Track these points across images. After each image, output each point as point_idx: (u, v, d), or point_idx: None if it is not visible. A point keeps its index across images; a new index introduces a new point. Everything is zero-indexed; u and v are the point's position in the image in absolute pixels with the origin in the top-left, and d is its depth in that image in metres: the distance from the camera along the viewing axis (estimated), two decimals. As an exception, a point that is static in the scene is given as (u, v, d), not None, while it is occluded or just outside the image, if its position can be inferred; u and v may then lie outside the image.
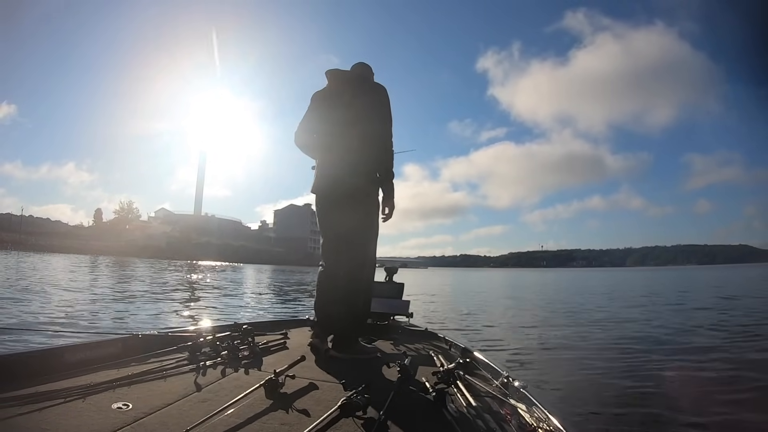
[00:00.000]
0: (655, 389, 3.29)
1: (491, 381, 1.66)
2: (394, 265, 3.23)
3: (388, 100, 2.21)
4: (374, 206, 2.20)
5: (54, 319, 5.29)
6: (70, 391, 1.30)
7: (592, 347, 5.20)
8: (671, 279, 30.72)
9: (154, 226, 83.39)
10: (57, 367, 1.51)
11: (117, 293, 9.24)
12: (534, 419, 1.22)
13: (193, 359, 1.73)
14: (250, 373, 1.68)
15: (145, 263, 31.75)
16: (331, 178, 2.18)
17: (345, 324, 2.04)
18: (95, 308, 6.58)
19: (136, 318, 5.94)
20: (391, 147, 2.21)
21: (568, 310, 10.23)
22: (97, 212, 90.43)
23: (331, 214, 2.23)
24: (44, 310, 6.08)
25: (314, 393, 1.48)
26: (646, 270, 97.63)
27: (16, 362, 1.45)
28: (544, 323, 7.67)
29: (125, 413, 1.20)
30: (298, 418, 1.24)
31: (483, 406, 1.36)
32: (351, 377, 1.63)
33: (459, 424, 1.20)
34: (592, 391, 3.27)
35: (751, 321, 7.19)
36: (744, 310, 8.80)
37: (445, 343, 2.47)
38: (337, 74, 2.28)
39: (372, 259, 2.20)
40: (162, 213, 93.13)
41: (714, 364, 4.08)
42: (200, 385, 1.48)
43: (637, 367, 4.02)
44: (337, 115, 2.19)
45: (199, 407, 1.28)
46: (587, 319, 8.08)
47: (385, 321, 2.88)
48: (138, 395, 1.34)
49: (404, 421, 1.25)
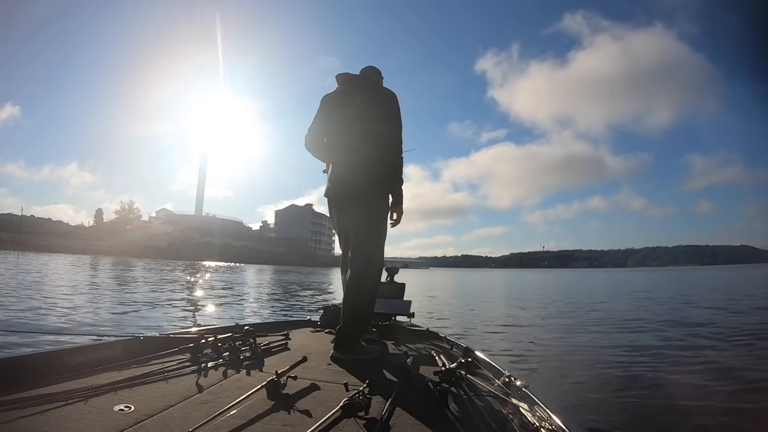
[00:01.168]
0: (657, 388, 3.30)
1: (493, 380, 1.66)
2: (396, 266, 3.23)
3: (395, 105, 2.18)
4: (379, 206, 2.15)
5: (53, 322, 5.29)
6: (72, 393, 1.30)
7: (594, 346, 5.20)
8: (673, 280, 30.67)
9: (155, 227, 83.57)
10: (58, 370, 1.51)
11: (117, 294, 9.24)
12: (536, 418, 1.22)
13: (195, 361, 1.73)
14: (252, 374, 1.68)
15: (146, 264, 31.78)
16: (336, 178, 2.18)
17: (347, 324, 2.03)
18: (95, 310, 6.58)
19: (137, 320, 5.95)
20: (397, 150, 2.16)
21: (569, 310, 10.22)
22: (98, 212, 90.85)
23: (336, 214, 2.25)
24: (42, 311, 6.09)
25: (316, 394, 1.48)
26: (648, 270, 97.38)
27: (18, 364, 1.46)
28: (545, 323, 7.67)
29: (127, 415, 1.20)
30: (300, 418, 1.24)
31: (485, 405, 1.36)
32: (352, 378, 1.63)
33: (461, 423, 1.19)
34: (593, 390, 3.27)
35: (754, 321, 7.17)
36: (747, 311, 8.78)
37: (447, 342, 2.47)
38: (346, 77, 2.29)
39: (379, 261, 2.17)
40: (163, 213, 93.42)
41: (716, 364, 4.07)
42: (202, 387, 1.48)
43: (639, 367, 4.01)
44: (339, 115, 2.20)
45: (201, 409, 1.28)
46: (588, 319, 8.08)
47: (386, 321, 2.88)
48: (140, 397, 1.34)
49: (406, 421, 1.25)
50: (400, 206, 2.21)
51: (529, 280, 34.16)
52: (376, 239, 2.14)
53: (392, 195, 2.20)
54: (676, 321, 7.38)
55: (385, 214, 2.19)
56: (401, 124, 2.20)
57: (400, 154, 2.17)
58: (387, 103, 2.18)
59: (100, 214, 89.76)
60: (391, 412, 1.27)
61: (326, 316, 2.77)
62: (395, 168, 2.16)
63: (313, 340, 2.45)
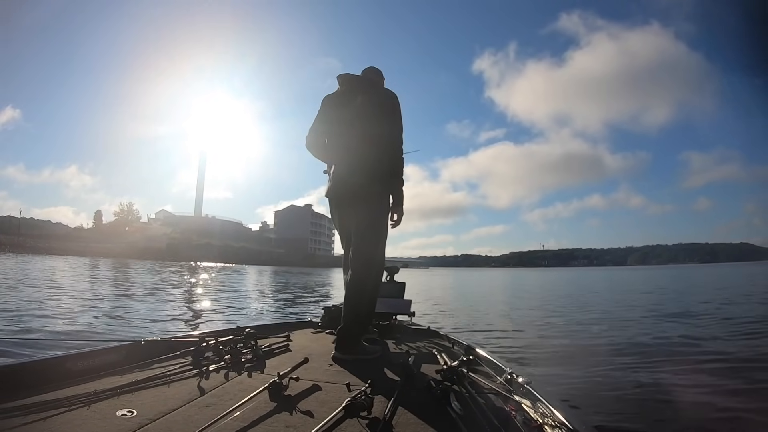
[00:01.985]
0: (659, 384, 3.29)
1: (495, 378, 1.67)
2: (396, 266, 3.24)
3: (395, 105, 2.17)
4: (379, 206, 2.15)
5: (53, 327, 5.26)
6: (74, 399, 1.29)
7: (596, 343, 5.20)
8: (673, 277, 30.70)
9: (154, 228, 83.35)
10: (60, 376, 1.51)
11: (116, 297, 9.22)
12: (539, 415, 1.22)
13: (197, 364, 1.73)
14: (254, 376, 1.68)
15: (145, 265, 31.69)
16: (337, 179, 2.18)
17: (348, 324, 2.03)
18: (95, 314, 6.55)
19: (138, 324, 5.93)
20: (396, 150, 2.15)
21: (570, 308, 10.22)
22: (97, 214, 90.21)
23: (338, 215, 2.25)
24: (41, 314, 6.08)
25: (318, 394, 1.48)
26: (648, 269, 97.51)
27: (20, 371, 1.45)
28: (547, 320, 7.67)
29: (130, 420, 1.20)
30: (303, 419, 1.24)
31: (487, 403, 1.37)
32: (354, 378, 1.63)
33: (464, 421, 1.19)
34: (596, 386, 3.27)
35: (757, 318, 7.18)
36: (746, 308, 8.79)
37: (448, 341, 2.48)
38: (347, 78, 2.29)
39: (380, 261, 2.18)
40: (162, 215, 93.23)
41: (718, 363, 4.06)
42: (204, 390, 1.48)
43: (641, 363, 4.02)
44: (339, 115, 2.20)
45: (203, 412, 1.28)
46: (590, 317, 8.08)
47: (387, 321, 2.89)
48: (142, 401, 1.34)
49: (409, 421, 1.26)
50: (400, 207, 2.20)
51: (529, 280, 34.17)
52: (376, 239, 2.13)
53: (393, 196, 2.20)
54: (678, 319, 7.39)
55: (386, 214, 2.18)
56: (402, 124, 2.19)
57: (400, 154, 2.17)
58: (387, 104, 2.17)
59: (99, 216, 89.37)
60: (394, 411, 1.28)
61: (327, 317, 2.77)
62: (395, 168, 2.15)
63: (314, 341, 2.46)
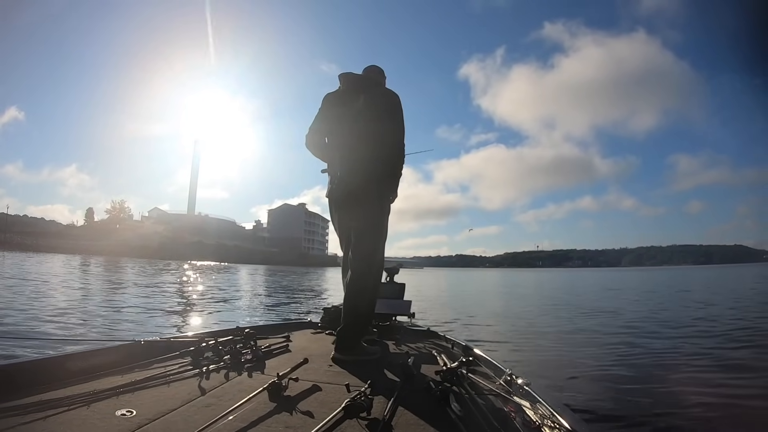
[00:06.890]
0: (659, 385, 3.33)
1: (494, 379, 1.68)
2: (396, 266, 3.24)
3: (396, 105, 2.17)
4: (379, 207, 2.15)
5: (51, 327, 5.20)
6: (74, 398, 1.28)
7: (595, 344, 5.24)
8: (667, 278, 31.03)
9: (146, 226, 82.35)
10: (60, 375, 1.49)
11: (109, 298, 9.10)
12: (538, 416, 1.23)
13: (196, 364, 1.73)
14: (254, 376, 1.68)
15: (136, 263, 31.30)
16: (335, 178, 2.18)
17: (347, 325, 2.03)
18: (88, 313, 6.48)
19: (136, 324, 5.86)
20: (396, 150, 2.15)
21: (567, 308, 10.29)
22: (89, 212, 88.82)
23: (337, 215, 2.25)
24: (38, 314, 5.99)
25: (318, 395, 1.48)
26: (642, 270, 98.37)
27: (18, 371, 1.44)
28: (544, 321, 7.72)
29: (129, 420, 1.19)
30: (302, 420, 1.24)
31: (487, 404, 1.37)
32: (354, 378, 1.64)
33: (463, 422, 1.20)
34: (596, 387, 3.30)
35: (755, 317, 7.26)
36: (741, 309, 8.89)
37: (447, 342, 2.49)
38: (349, 77, 2.29)
39: (379, 261, 2.17)
40: (155, 213, 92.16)
41: (718, 362, 4.11)
42: (204, 390, 1.47)
43: (639, 363, 4.07)
44: (339, 114, 2.20)
45: (203, 412, 1.27)
46: (588, 317, 8.15)
47: (387, 321, 2.89)
48: (142, 401, 1.33)
49: (409, 421, 1.26)
50: (394, 191, 2.24)
51: (524, 280, 34.31)
52: (376, 240, 2.13)
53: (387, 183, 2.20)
54: (676, 318, 7.47)
55: (385, 215, 2.18)
56: (403, 124, 2.19)
57: (400, 154, 2.17)
58: (388, 103, 2.17)
59: (91, 214, 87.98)
60: (393, 412, 1.28)
61: (327, 317, 2.77)
62: (395, 168, 2.16)
63: (313, 341, 2.46)
